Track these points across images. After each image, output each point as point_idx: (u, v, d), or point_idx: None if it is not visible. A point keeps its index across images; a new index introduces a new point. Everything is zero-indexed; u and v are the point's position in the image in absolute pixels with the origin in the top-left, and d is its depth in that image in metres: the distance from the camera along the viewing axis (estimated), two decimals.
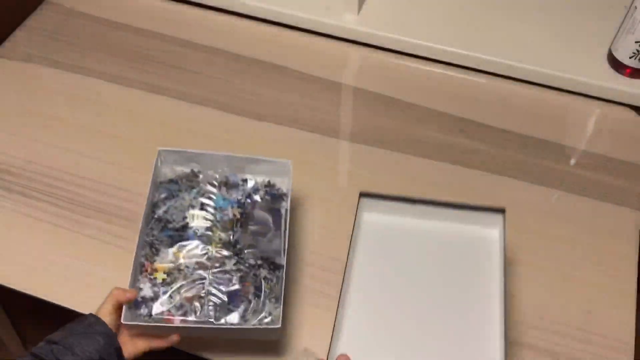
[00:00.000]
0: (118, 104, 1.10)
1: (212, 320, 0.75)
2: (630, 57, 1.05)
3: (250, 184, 0.87)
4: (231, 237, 0.82)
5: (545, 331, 0.85)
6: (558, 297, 0.88)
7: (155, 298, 0.77)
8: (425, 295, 0.79)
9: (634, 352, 0.83)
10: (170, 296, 0.77)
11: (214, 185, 0.86)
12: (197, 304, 0.77)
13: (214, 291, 0.77)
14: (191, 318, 0.76)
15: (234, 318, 0.75)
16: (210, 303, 0.76)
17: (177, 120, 1.08)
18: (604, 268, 0.91)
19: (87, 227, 0.94)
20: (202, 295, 0.77)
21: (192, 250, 0.81)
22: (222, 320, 0.75)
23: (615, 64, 1.09)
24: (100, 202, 0.97)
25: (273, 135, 1.06)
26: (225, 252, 0.80)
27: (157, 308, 0.76)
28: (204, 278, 0.78)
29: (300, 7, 1.19)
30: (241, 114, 1.09)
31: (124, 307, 0.74)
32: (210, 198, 0.85)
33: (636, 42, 1.02)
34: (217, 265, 0.79)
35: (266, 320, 0.76)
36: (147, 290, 0.78)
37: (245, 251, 0.81)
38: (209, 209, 0.84)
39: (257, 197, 0.86)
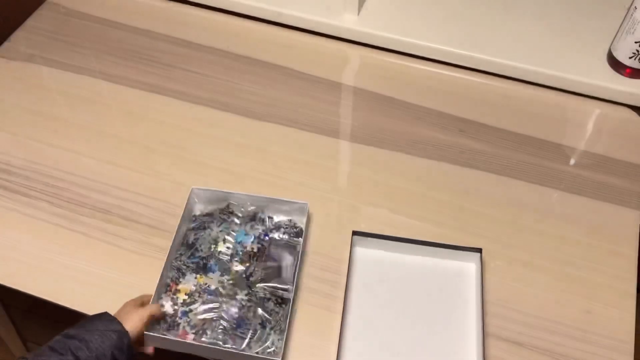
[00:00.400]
0: (118, 104, 1.10)
1: (220, 342, 0.81)
2: (630, 58, 1.05)
3: (274, 221, 0.93)
4: (246, 270, 0.87)
5: (545, 331, 0.85)
6: (557, 297, 0.88)
7: (174, 316, 0.84)
8: (411, 318, 0.86)
9: (634, 352, 0.83)
10: (188, 316, 0.84)
11: (239, 218, 0.93)
12: (209, 326, 0.82)
13: (225, 317, 0.83)
14: (203, 339, 0.81)
15: (239, 344, 0.81)
16: (221, 327, 0.82)
17: (177, 120, 1.08)
18: (603, 268, 0.91)
19: (87, 227, 0.94)
20: (215, 319, 0.83)
21: (212, 277, 0.87)
22: (229, 344, 0.80)
23: (615, 64, 1.09)
24: (100, 202, 0.97)
25: (273, 135, 1.06)
26: (239, 283, 0.86)
27: (175, 325, 0.83)
28: (219, 304, 0.84)
29: (300, 8, 1.19)
30: (241, 114, 1.09)
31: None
32: (233, 231, 0.92)
33: (636, 42, 1.02)
34: (231, 294, 0.85)
35: (269, 350, 0.81)
36: (168, 308, 0.84)
37: (257, 285, 0.86)
38: (230, 241, 0.91)
39: (276, 235, 0.91)
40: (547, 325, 0.85)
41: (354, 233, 0.90)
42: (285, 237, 0.91)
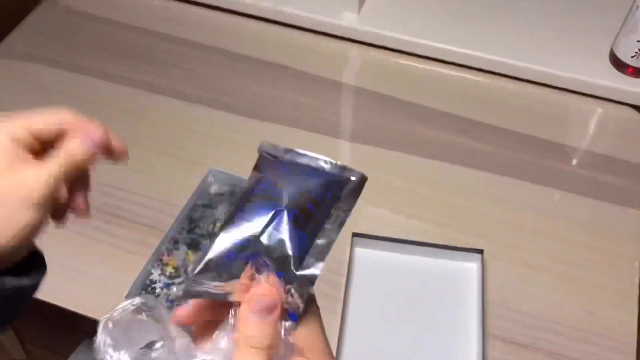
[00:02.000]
0: (118, 104, 1.10)
1: None
2: (632, 57, 1.05)
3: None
4: None
5: (547, 331, 0.84)
6: (559, 297, 0.87)
7: (155, 283, 0.87)
8: (412, 318, 0.86)
9: (636, 353, 0.83)
10: (169, 288, 0.86)
11: None
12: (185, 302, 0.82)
13: None
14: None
15: None
16: None
17: (177, 120, 1.08)
18: (605, 268, 0.90)
19: (87, 227, 0.94)
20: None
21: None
22: None
23: (617, 63, 1.08)
24: (99, 202, 0.96)
25: (273, 135, 1.06)
26: None
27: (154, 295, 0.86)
28: None
29: (300, 6, 1.19)
30: (241, 114, 1.09)
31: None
32: None
33: (638, 41, 1.02)
34: None
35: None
36: (155, 276, 0.88)
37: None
38: None
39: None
40: (548, 326, 0.85)
41: (354, 235, 0.89)
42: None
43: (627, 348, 0.83)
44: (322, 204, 0.45)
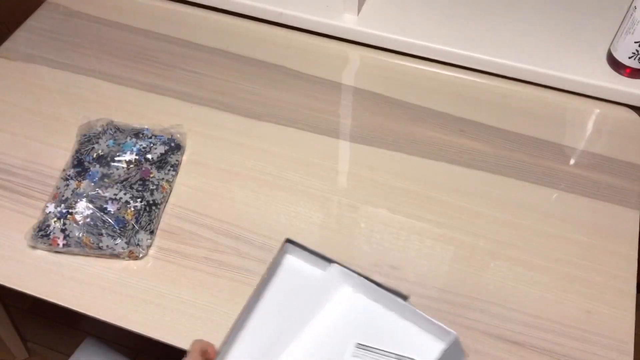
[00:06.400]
0: (118, 104, 1.11)
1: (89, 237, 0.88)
2: (629, 57, 1.05)
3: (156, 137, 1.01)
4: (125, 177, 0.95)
5: (545, 331, 0.85)
6: (557, 297, 0.88)
7: (50, 217, 0.91)
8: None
9: (634, 352, 0.83)
10: (67, 218, 0.90)
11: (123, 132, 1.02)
12: (80, 226, 0.89)
13: (97, 215, 0.90)
14: (70, 236, 0.88)
15: (107, 241, 0.88)
16: (89, 224, 0.89)
17: (177, 120, 1.08)
18: (603, 268, 0.91)
19: None
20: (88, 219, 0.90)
21: (92, 184, 0.94)
22: (97, 242, 0.88)
23: (615, 64, 1.09)
24: None
25: (273, 135, 1.06)
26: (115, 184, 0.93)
27: (46, 227, 0.90)
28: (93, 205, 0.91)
29: (300, 7, 1.19)
30: (241, 114, 1.09)
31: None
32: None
33: (635, 42, 1.02)
34: (105, 195, 0.92)
35: (134, 247, 0.88)
36: (51, 209, 0.91)
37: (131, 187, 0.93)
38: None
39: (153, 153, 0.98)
40: (546, 325, 0.85)
41: (287, 241, 0.78)
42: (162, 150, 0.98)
43: (625, 347, 0.84)
44: None
